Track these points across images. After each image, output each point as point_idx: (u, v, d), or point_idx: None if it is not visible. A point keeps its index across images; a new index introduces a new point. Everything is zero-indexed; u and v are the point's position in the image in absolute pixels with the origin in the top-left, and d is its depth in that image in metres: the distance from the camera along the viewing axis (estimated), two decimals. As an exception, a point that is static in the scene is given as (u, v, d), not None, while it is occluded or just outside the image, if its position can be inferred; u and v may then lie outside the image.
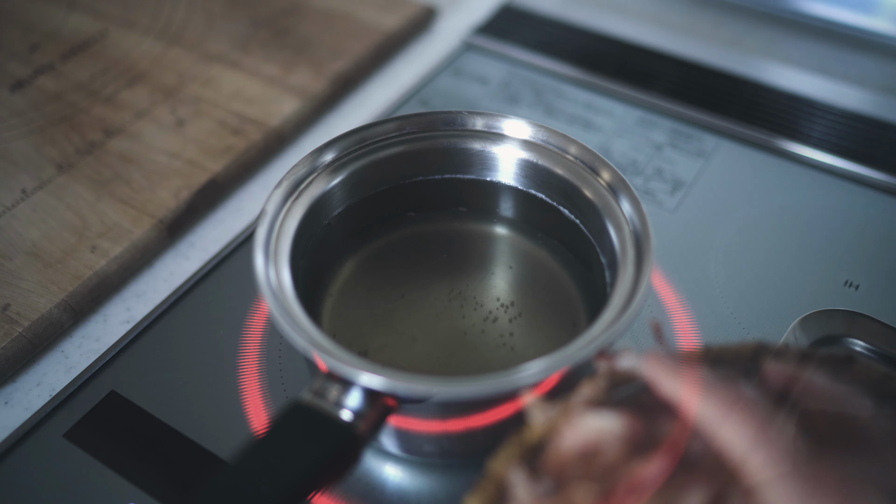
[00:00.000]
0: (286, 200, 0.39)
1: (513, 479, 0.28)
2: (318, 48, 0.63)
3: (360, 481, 0.39)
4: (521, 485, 0.28)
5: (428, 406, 0.35)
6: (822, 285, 0.47)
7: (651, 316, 0.46)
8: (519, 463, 0.29)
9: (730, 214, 0.52)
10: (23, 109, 0.58)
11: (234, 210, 0.53)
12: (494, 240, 0.45)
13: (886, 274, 0.48)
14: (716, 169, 0.55)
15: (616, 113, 0.59)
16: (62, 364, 0.45)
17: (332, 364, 0.32)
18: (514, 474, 0.28)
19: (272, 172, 0.56)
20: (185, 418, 0.42)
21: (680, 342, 0.45)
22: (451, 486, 0.39)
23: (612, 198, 0.39)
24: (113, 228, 0.49)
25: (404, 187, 0.44)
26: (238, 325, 0.46)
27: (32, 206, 0.51)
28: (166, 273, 0.49)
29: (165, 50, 0.64)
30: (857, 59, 0.64)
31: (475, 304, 0.42)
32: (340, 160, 0.41)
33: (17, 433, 0.41)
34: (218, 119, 0.57)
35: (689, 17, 0.69)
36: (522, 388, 0.33)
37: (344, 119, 0.60)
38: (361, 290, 0.42)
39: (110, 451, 0.40)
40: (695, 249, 0.50)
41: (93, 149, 0.55)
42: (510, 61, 0.64)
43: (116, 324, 0.46)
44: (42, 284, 0.46)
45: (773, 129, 0.58)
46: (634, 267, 0.36)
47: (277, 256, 0.37)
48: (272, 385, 0.43)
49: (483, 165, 0.44)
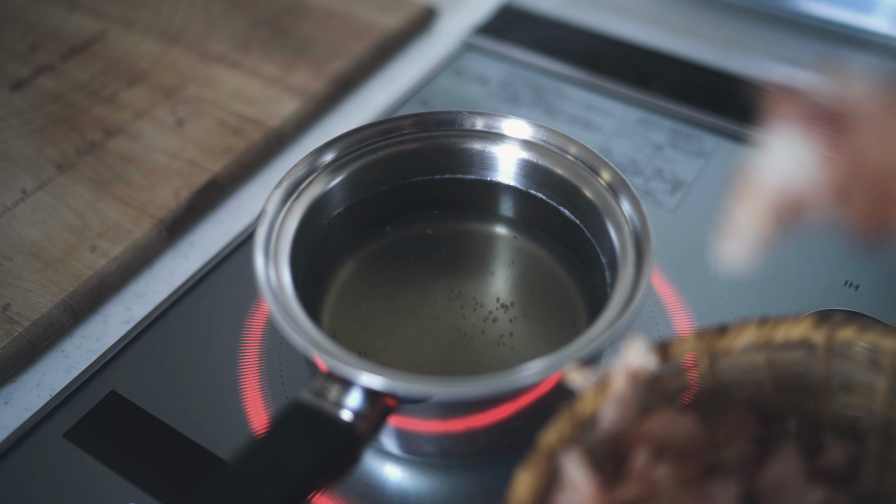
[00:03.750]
0: (286, 200, 0.39)
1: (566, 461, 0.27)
2: (318, 48, 0.63)
3: (360, 481, 0.39)
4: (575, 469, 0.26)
5: (428, 406, 0.35)
6: (822, 285, 0.47)
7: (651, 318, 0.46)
8: (571, 439, 0.27)
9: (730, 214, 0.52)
10: (23, 109, 0.58)
11: (234, 210, 0.53)
12: (494, 240, 0.45)
13: (886, 274, 0.48)
14: (716, 169, 0.55)
15: (616, 113, 0.59)
16: (62, 364, 0.45)
17: (332, 364, 0.32)
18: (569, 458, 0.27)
19: (272, 172, 0.56)
20: (186, 418, 0.42)
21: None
22: (451, 486, 0.39)
23: (612, 198, 0.39)
24: (113, 228, 0.49)
25: (404, 187, 0.44)
26: (238, 325, 0.46)
27: (32, 206, 0.51)
28: (166, 273, 0.49)
29: (165, 50, 0.64)
30: (857, 59, 0.64)
31: (475, 304, 0.42)
32: (340, 160, 0.41)
33: (17, 433, 0.41)
34: (218, 119, 0.57)
35: (689, 18, 0.69)
36: (522, 388, 0.34)
37: (344, 119, 0.60)
38: (361, 290, 0.42)
39: (110, 451, 0.40)
40: (695, 249, 0.50)
41: (93, 149, 0.55)
42: (510, 61, 0.64)
43: (116, 324, 0.46)
44: (42, 284, 0.46)
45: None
46: (634, 267, 0.36)
47: (277, 256, 0.37)
48: (272, 385, 0.43)
49: (483, 165, 0.44)
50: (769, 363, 0.30)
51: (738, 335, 0.29)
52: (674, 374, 0.30)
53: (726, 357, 0.30)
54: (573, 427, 0.28)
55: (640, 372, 0.28)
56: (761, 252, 0.25)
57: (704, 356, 0.30)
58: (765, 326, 0.29)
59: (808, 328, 0.29)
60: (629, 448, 0.28)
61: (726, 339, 0.29)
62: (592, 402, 0.28)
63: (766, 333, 0.29)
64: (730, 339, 0.29)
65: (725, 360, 0.30)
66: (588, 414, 0.28)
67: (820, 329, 0.29)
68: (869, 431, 0.31)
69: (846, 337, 0.28)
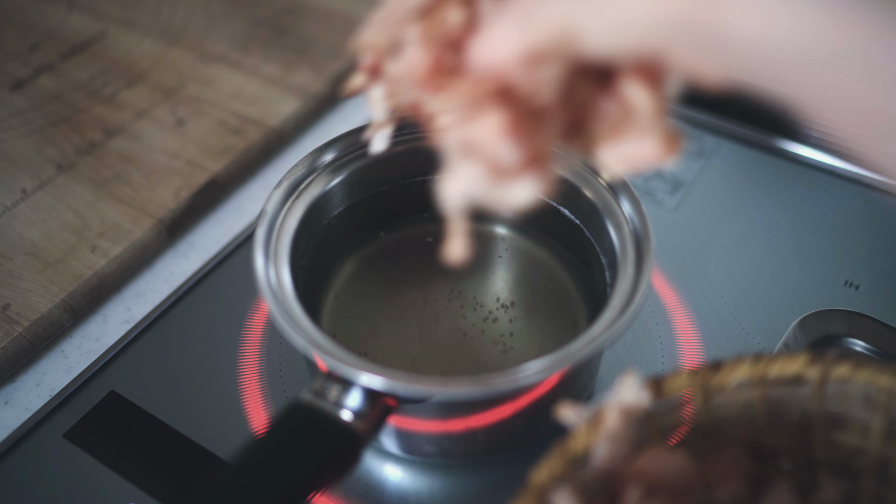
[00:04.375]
0: (286, 200, 0.39)
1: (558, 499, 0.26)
2: (318, 48, 0.63)
3: (360, 481, 0.39)
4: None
5: (428, 406, 0.35)
6: (823, 285, 0.47)
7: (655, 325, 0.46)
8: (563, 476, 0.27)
9: (730, 214, 0.52)
10: (23, 109, 0.58)
11: (234, 210, 0.53)
12: (494, 240, 0.45)
13: (887, 274, 0.48)
14: (716, 169, 0.55)
15: (616, 113, 0.59)
16: (62, 364, 0.45)
17: (332, 364, 0.32)
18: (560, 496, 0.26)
19: (272, 172, 0.56)
20: (185, 418, 0.42)
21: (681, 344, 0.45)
22: (450, 486, 0.39)
23: (612, 198, 0.39)
24: (113, 228, 0.49)
25: (404, 187, 0.44)
26: (238, 325, 0.46)
27: (32, 206, 0.51)
28: (166, 273, 0.49)
29: (165, 50, 0.64)
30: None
31: (475, 304, 0.42)
32: (340, 160, 0.41)
33: (17, 433, 0.41)
34: (218, 119, 0.57)
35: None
36: (522, 388, 0.33)
37: (344, 119, 0.60)
38: (361, 291, 0.42)
39: (110, 451, 0.40)
40: (695, 249, 0.50)
41: (93, 149, 0.55)
42: (510, 61, 0.64)
43: (116, 324, 0.46)
44: (42, 284, 0.46)
45: (773, 129, 0.57)
46: (634, 267, 0.36)
47: (277, 256, 0.37)
48: (272, 385, 0.43)
49: (483, 165, 0.44)
50: (764, 399, 0.30)
51: (733, 371, 0.29)
52: (668, 411, 0.30)
53: (720, 393, 0.30)
54: (565, 464, 0.27)
55: (634, 408, 0.28)
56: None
57: (699, 392, 0.29)
58: (759, 362, 0.29)
59: (803, 364, 0.28)
60: (621, 486, 0.28)
61: (721, 375, 0.29)
62: (585, 438, 0.27)
63: (760, 369, 0.29)
64: (724, 376, 0.29)
65: (720, 396, 0.30)
66: (580, 450, 0.27)
67: (815, 366, 0.28)
68: (864, 470, 0.30)
69: (841, 374, 0.28)
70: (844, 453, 0.31)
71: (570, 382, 0.38)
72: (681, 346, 0.44)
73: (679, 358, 0.44)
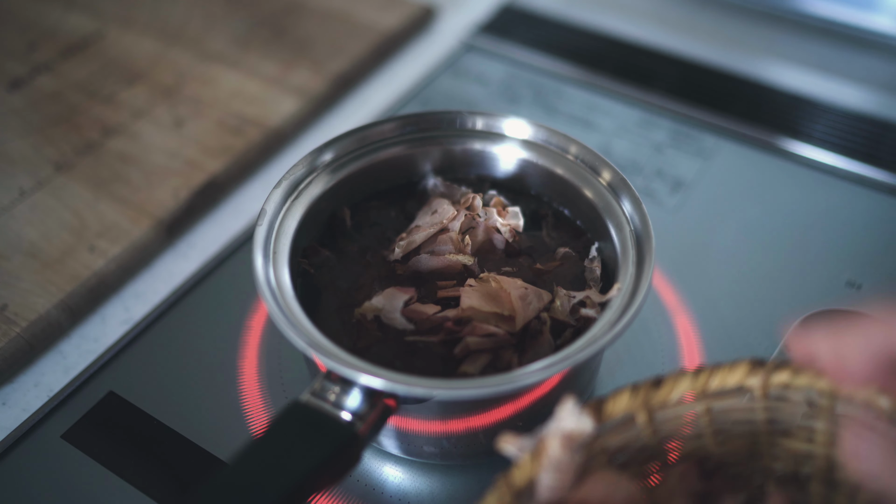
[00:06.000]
0: (285, 200, 0.39)
1: None
2: (317, 48, 0.63)
3: (360, 481, 0.39)
4: None
5: (428, 407, 0.35)
6: (825, 285, 0.47)
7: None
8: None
9: (730, 214, 0.52)
10: (21, 109, 0.58)
11: (234, 210, 0.53)
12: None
13: (889, 274, 0.48)
14: (716, 169, 0.55)
15: (616, 113, 0.59)
16: (60, 364, 0.44)
17: (331, 364, 0.32)
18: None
19: (272, 172, 0.56)
20: (185, 419, 0.41)
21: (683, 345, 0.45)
22: (450, 486, 0.39)
23: (612, 198, 0.39)
24: (111, 228, 0.49)
25: (404, 187, 0.44)
26: (238, 325, 0.46)
27: (31, 206, 0.51)
28: (165, 273, 0.49)
29: (164, 49, 0.63)
30: (859, 58, 0.64)
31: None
32: (340, 160, 0.41)
33: (15, 434, 0.41)
34: (217, 119, 0.57)
35: (689, 17, 0.69)
36: (522, 389, 0.33)
37: (344, 119, 0.60)
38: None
39: (108, 451, 0.40)
40: (695, 249, 0.49)
41: (91, 148, 0.55)
42: (510, 61, 0.64)
43: (115, 324, 0.46)
44: (40, 285, 0.46)
45: (773, 128, 0.57)
46: (635, 267, 0.36)
47: (277, 256, 0.37)
48: (272, 385, 0.43)
49: (483, 165, 0.44)
50: (708, 412, 0.29)
51: (674, 387, 0.28)
52: (612, 432, 0.29)
53: (664, 410, 0.29)
54: (511, 497, 0.26)
55: (575, 435, 0.27)
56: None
57: (641, 411, 0.29)
58: (700, 376, 0.28)
59: (743, 374, 0.28)
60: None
61: (662, 391, 0.28)
62: (529, 469, 0.27)
63: (701, 382, 0.28)
64: (665, 392, 0.28)
65: (663, 413, 0.29)
66: (525, 482, 0.27)
67: (755, 374, 0.28)
68: (812, 475, 0.30)
69: (781, 381, 0.28)
70: (792, 460, 0.30)
71: (571, 383, 0.38)
72: (681, 346, 0.44)
73: (679, 358, 0.44)
